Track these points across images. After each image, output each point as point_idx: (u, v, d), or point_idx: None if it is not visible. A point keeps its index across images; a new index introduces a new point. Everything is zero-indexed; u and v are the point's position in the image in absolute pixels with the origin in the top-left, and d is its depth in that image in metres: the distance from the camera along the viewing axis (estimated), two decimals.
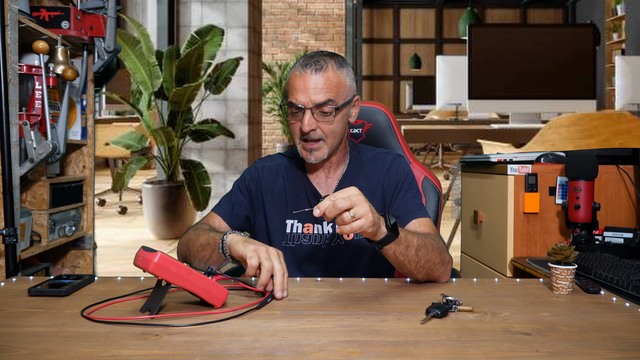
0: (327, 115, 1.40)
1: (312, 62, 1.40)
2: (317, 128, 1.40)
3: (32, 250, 2.08)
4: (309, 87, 1.38)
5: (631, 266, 1.55)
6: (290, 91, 1.41)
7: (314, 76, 1.38)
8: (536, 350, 0.91)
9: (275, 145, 10.12)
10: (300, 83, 1.39)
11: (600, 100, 8.80)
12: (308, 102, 1.38)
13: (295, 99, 1.39)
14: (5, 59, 1.74)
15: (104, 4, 2.31)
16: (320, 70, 1.39)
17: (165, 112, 4.91)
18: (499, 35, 4.93)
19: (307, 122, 1.38)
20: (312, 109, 1.39)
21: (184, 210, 4.87)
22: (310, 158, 1.44)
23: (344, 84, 1.42)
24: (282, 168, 1.56)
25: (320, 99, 1.38)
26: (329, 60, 1.42)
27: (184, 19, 5.67)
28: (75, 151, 2.51)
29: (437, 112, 7.61)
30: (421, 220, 1.45)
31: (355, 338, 0.96)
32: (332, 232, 1.49)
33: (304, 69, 1.39)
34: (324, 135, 1.41)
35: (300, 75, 1.39)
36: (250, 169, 1.59)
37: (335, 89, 1.40)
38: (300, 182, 1.53)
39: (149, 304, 1.11)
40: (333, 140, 1.44)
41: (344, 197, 1.12)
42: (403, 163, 1.54)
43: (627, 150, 2.17)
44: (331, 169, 1.52)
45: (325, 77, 1.39)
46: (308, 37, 10.48)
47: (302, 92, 1.38)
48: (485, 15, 13.40)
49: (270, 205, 1.53)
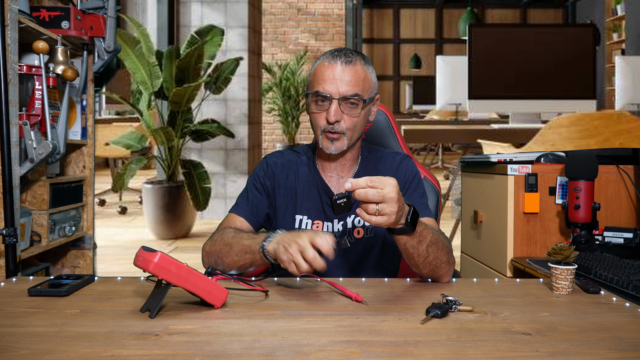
0: (354, 108, 1.41)
1: (342, 54, 1.41)
2: (341, 120, 1.41)
3: (32, 250, 2.08)
4: (337, 78, 1.39)
5: (631, 266, 1.55)
6: (318, 81, 1.41)
7: (345, 67, 1.40)
8: (536, 350, 0.91)
9: (275, 145, 10.11)
10: (329, 73, 1.40)
11: (600, 100, 8.80)
12: (336, 92, 1.39)
13: (323, 88, 1.39)
14: (5, 59, 1.74)
15: (104, 4, 2.31)
16: (350, 63, 1.40)
17: (165, 112, 4.91)
18: (499, 35, 4.93)
19: (334, 112, 1.39)
20: (340, 99, 1.39)
21: (184, 210, 4.87)
22: (330, 148, 1.43)
23: (370, 80, 1.44)
24: (293, 164, 1.55)
25: (349, 90, 1.39)
26: (357, 55, 1.44)
27: (184, 19, 5.67)
28: (75, 151, 2.51)
29: (437, 112, 7.61)
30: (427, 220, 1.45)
31: (355, 338, 0.96)
32: (341, 230, 1.49)
33: (334, 60, 1.40)
34: (346, 128, 1.41)
35: (330, 66, 1.40)
36: (263, 166, 1.56)
37: (362, 83, 1.41)
38: (313, 179, 1.52)
39: (149, 304, 1.11)
40: (353, 134, 1.44)
41: (379, 191, 1.12)
42: (411, 163, 1.55)
43: (627, 150, 2.17)
44: (345, 167, 1.52)
45: (354, 70, 1.40)
46: (308, 37, 10.48)
47: (331, 82, 1.39)
48: (485, 15, 13.39)
49: (281, 201, 1.53)
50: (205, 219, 5.55)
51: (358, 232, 1.49)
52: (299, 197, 1.51)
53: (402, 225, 1.20)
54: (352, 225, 1.49)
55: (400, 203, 1.15)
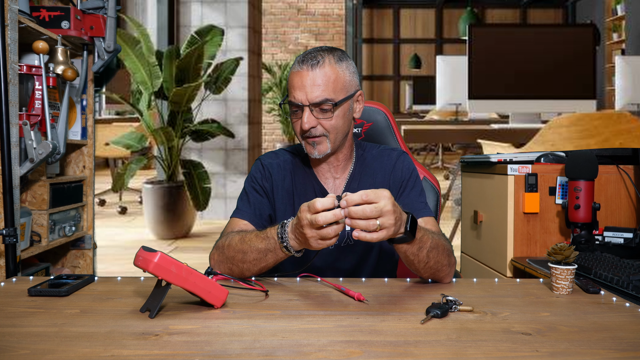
0: (326, 112, 1.38)
1: (309, 58, 1.38)
2: (317, 125, 1.38)
3: (32, 250, 2.08)
4: (305, 85, 1.36)
5: (631, 266, 1.55)
6: (289, 89, 1.40)
7: (311, 73, 1.36)
8: (536, 350, 0.91)
9: (275, 145, 10.12)
10: (297, 81, 1.37)
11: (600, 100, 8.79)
12: (305, 99, 1.36)
13: (294, 97, 1.38)
14: (5, 59, 1.74)
15: (104, 4, 2.31)
16: (316, 66, 1.37)
17: (165, 112, 4.91)
18: (499, 35, 4.93)
19: (307, 119, 1.37)
20: (310, 106, 1.37)
21: (184, 210, 4.87)
22: (314, 153, 1.41)
23: (342, 79, 1.39)
24: (288, 164, 1.53)
25: (317, 96, 1.36)
26: (327, 55, 1.39)
27: (184, 19, 5.67)
28: (75, 151, 2.51)
29: (437, 112, 7.61)
30: (426, 220, 1.45)
31: (355, 338, 0.96)
32: (341, 232, 1.48)
33: (301, 66, 1.38)
34: (325, 131, 1.39)
35: (297, 73, 1.38)
36: (259, 167, 1.53)
37: (332, 85, 1.37)
38: (309, 180, 1.51)
39: (149, 304, 1.11)
40: (336, 136, 1.41)
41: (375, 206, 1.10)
42: (408, 160, 1.53)
43: (627, 150, 2.17)
44: (339, 168, 1.50)
45: (322, 73, 1.36)
46: (308, 37, 10.48)
47: (300, 90, 1.37)
48: (485, 15, 13.39)
49: (279, 203, 1.51)
50: (205, 219, 5.55)
51: None
52: (296, 199, 1.50)
53: (401, 234, 1.18)
54: (350, 227, 1.48)
55: (397, 214, 1.14)
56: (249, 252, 1.30)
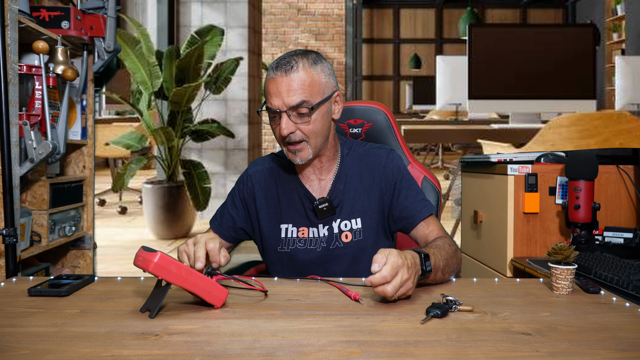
0: (304, 116, 1.37)
1: (283, 63, 1.37)
2: (296, 130, 1.38)
3: (32, 250, 2.08)
4: (281, 90, 1.36)
5: (631, 266, 1.55)
6: (266, 96, 1.40)
7: (285, 78, 1.36)
8: (536, 350, 0.91)
9: (275, 145, 10.11)
10: (272, 87, 1.37)
11: (600, 100, 8.80)
12: (282, 105, 1.36)
13: (271, 104, 1.38)
14: (5, 59, 1.74)
15: (104, 4, 2.31)
16: (290, 71, 1.36)
17: (165, 112, 4.91)
18: (499, 35, 4.93)
19: (285, 125, 1.36)
20: (287, 111, 1.36)
21: (184, 210, 4.87)
22: (295, 159, 1.42)
23: (317, 82, 1.39)
24: (274, 171, 1.54)
25: (293, 101, 1.36)
26: (300, 59, 1.38)
27: (184, 19, 5.67)
28: (75, 151, 2.51)
29: (437, 112, 7.61)
30: (428, 221, 1.46)
31: (355, 338, 0.96)
32: (328, 235, 1.48)
33: (275, 72, 1.37)
34: (304, 136, 1.39)
35: (272, 79, 1.38)
36: (243, 178, 1.57)
37: (308, 89, 1.37)
38: (293, 186, 1.51)
39: (149, 304, 1.11)
40: (316, 140, 1.41)
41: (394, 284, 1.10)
42: (397, 158, 1.52)
43: (627, 150, 2.17)
44: (323, 170, 1.50)
45: (296, 77, 1.36)
46: (308, 37, 10.49)
47: (276, 96, 1.37)
48: (485, 15, 13.39)
49: (264, 212, 1.52)
50: (205, 219, 5.55)
51: (346, 236, 1.47)
52: (282, 205, 1.50)
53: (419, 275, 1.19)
54: (338, 229, 1.48)
55: (412, 269, 1.14)
56: None
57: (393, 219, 1.49)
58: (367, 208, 1.48)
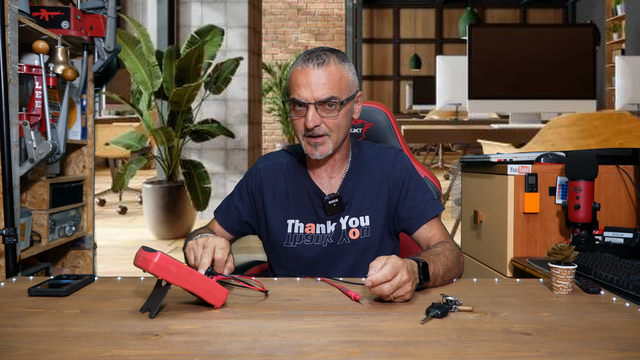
0: (331, 111, 1.38)
1: (314, 56, 1.38)
2: (321, 123, 1.38)
3: (32, 250, 2.08)
4: (311, 82, 1.36)
5: (631, 266, 1.55)
6: (293, 87, 1.39)
7: (316, 71, 1.36)
8: (536, 350, 0.91)
9: (275, 145, 10.12)
10: (302, 78, 1.37)
11: (600, 100, 8.80)
12: (311, 97, 1.36)
13: (298, 95, 1.37)
14: (5, 59, 1.74)
15: (104, 4, 2.31)
16: (322, 64, 1.37)
17: (165, 112, 4.91)
18: (499, 35, 4.94)
19: (312, 117, 1.36)
20: (316, 104, 1.37)
21: (184, 210, 4.87)
22: (315, 153, 1.41)
23: (346, 79, 1.40)
24: (283, 166, 1.54)
25: (324, 94, 1.36)
26: (331, 55, 1.40)
27: (184, 19, 5.67)
28: (75, 151, 2.51)
29: (437, 112, 7.61)
30: (431, 224, 1.47)
31: (355, 338, 0.96)
32: (334, 231, 1.48)
33: (306, 64, 1.37)
34: (328, 130, 1.39)
35: (302, 71, 1.38)
36: (252, 171, 1.56)
37: (338, 84, 1.38)
38: (303, 182, 1.51)
39: (149, 304, 1.11)
40: (338, 135, 1.42)
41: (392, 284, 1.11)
42: (405, 158, 1.54)
43: (627, 150, 2.17)
44: (335, 167, 1.50)
45: (327, 71, 1.37)
46: (308, 37, 10.48)
47: (305, 88, 1.36)
48: (485, 15, 13.39)
49: (271, 206, 1.52)
50: (205, 219, 5.54)
51: (354, 233, 1.48)
52: (290, 200, 1.50)
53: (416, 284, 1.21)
54: (346, 226, 1.48)
55: (411, 279, 1.15)
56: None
57: (398, 219, 1.50)
58: (376, 206, 1.49)
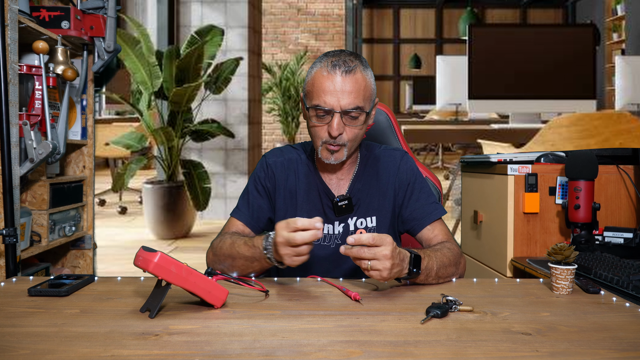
0: (355, 120, 1.36)
1: (341, 62, 1.34)
2: (343, 132, 1.36)
3: (32, 250, 2.08)
4: (337, 90, 1.33)
5: (631, 266, 1.55)
6: (317, 92, 1.35)
7: (344, 79, 1.33)
8: (536, 350, 0.91)
9: (275, 145, 10.11)
10: (329, 85, 1.33)
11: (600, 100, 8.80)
12: (337, 105, 1.33)
13: (324, 102, 1.34)
14: (5, 59, 1.74)
15: (104, 4, 2.31)
16: (350, 72, 1.33)
17: (165, 112, 4.91)
18: (499, 35, 4.93)
19: (336, 126, 1.34)
20: (341, 113, 1.34)
21: (184, 210, 4.87)
22: (330, 159, 1.39)
23: (370, 88, 1.38)
24: (293, 163, 1.52)
25: (350, 103, 1.33)
26: (356, 61, 1.37)
27: (184, 19, 5.67)
28: (75, 151, 2.51)
29: (437, 112, 7.62)
30: (434, 225, 1.47)
31: (355, 338, 0.96)
32: (343, 232, 1.48)
33: (334, 70, 1.33)
34: (347, 140, 1.38)
35: (329, 77, 1.33)
36: (263, 166, 1.53)
37: (363, 93, 1.35)
38: (313, 181, 1.50)
39: (149, 304, 1.11)
40: (353, 144, 1.41)
41: (370, 249, 1.15)
42: (410, 161, 1.54)
43: (627, 150, 2.17)
44: (344, 169, 1.50)
45: (354, 80, 1.34)
46: (308, 37, 10.48)
47: (332, 95, 1.33)
48: (485, 15, 13.40)
49: (281, 202, 1.50)
50: (205, 219, 5.55)
51: (361, 233, 1.48)
52: (299, 198, 1.50)
53: (405, 274, 1.22)
54: (354, 227, 1.49)
55: (395, 260, 1.17)
56: (237, 258, 1.34)
57: (402, 220, 1.51)
58: (382, 207, 1.49)
